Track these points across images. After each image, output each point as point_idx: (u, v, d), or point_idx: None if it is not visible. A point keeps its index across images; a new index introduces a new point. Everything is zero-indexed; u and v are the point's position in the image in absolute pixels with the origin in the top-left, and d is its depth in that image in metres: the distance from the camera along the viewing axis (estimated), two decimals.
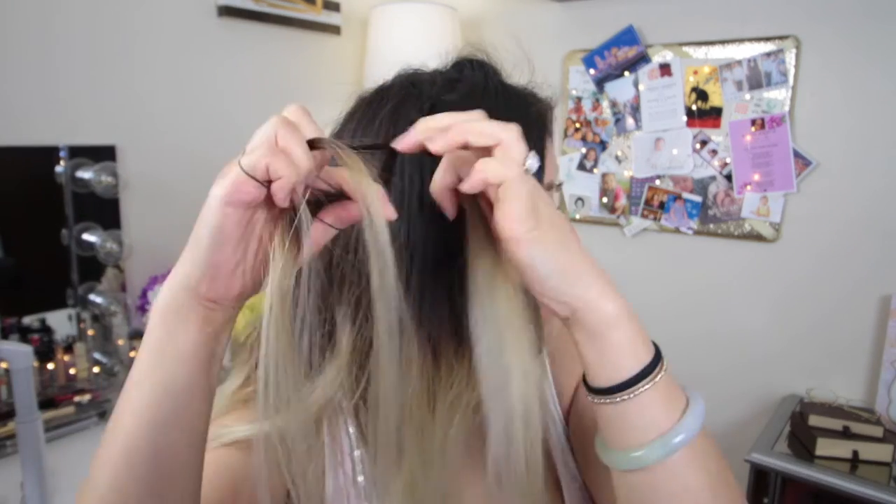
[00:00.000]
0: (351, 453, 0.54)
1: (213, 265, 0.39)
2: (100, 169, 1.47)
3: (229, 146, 2.13)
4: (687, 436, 0.41)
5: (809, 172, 1.66)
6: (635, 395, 0.41)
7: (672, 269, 1.92)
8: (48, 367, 1.41)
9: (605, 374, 0.42)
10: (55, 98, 1.44)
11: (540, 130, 0.53)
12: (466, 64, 0.56)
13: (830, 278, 1.66)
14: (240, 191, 0.37)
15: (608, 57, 1.92)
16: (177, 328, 0.39)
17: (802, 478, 1.36)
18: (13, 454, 1.24)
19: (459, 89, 0.51)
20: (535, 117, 0.53)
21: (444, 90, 0.51)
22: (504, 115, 0.49)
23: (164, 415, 0.38)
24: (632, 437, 0.42)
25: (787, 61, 1.65)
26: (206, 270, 0.39)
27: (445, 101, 0.50)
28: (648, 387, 0.41)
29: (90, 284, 1.51)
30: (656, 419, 0.42)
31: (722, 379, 1.84)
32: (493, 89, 0.52)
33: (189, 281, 0.39)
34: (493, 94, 0.52)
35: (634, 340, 0.42)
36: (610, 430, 0.44)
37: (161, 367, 0.39)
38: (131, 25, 1.56)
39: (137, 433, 0.38)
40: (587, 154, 2.01)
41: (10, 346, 1.00)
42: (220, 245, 0.38)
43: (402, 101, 0.51)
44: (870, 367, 1.62)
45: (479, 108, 0.48)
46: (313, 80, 2.03)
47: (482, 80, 0.53)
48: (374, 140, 0.50)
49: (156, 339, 0.39)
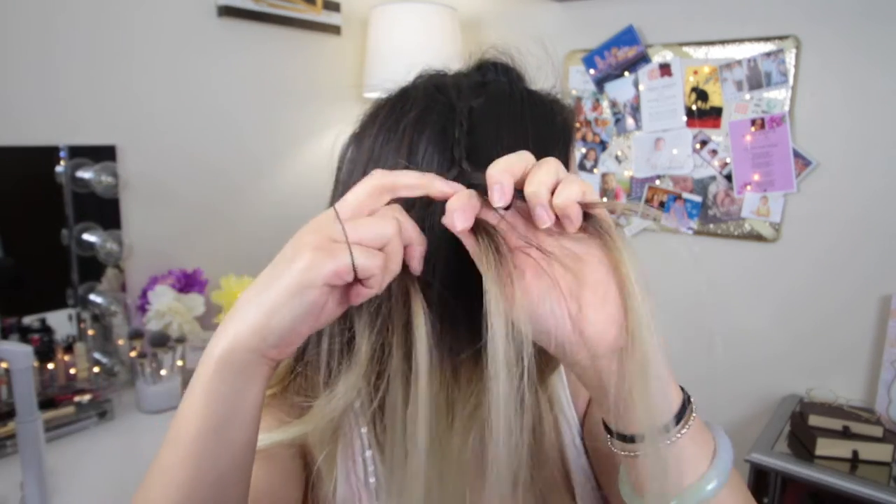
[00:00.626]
0: (363, 453, 0.54)
1: (294, 335, 0.37)
2: (100, 169, 1.47)
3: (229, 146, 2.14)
4: (720, 480, 0.40)
5: (809, 172, 1.66)
6: (671, 441, 0.40)
7: (672, 269, 1.92)
8: (48, 367, 1.41)
9: (639, 418, 0.39)
10: (55, 98, 1.44)
11: (565, 139, 0.52)
12: (490, 67, 0.55)
13: (830, 278, 1.66)
14: (342, 279, 0.37)
15: (608, 57, 1.92)
16: (244, 390, 0.37)
17: (802, 478, 1.36)
18: (13, 454, 1.24)
19: (484, 95, 0.50)
20: (561, 126, 0.52)
21: (470, 96, 0.50)
22: (529, 123, 0.49)
23: (226, 473, 0.38)
24: (665, 485, 0.40)
25: (787, 61, 1.65)
26: (285, 339, 0.37)
27: (473, 109, 0.49)
28: (685, 432, 0.40)
29: (90, 284, 1.51)
30: (691, 464, 0.40)
31: (722, 379, 1.84)
32: (518, 95, 0.51)
33: (262, 345, 0.37)
34: (518, 100, 0.51)
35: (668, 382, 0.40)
36: (639, 477, 0.42)
37: (228, 429, 0.37)
38: (131, 25, 1.56)
39: (197, 494, 0.37)
40: (587, 154, 2.01)
41: (10, 346, 1.00)
42: (307, 319, 0.37)
43: (427, 107, 0.49)
44: (870, 367, 1.62)
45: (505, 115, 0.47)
46: (313, 80, 2.03)
47: (507, 87, 0.52)
48: (398, 145, 0.49)
49: (219, 400, 0.37)
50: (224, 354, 0.37)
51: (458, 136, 0.47)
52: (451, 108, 0.49)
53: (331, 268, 0.36)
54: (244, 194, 1.88)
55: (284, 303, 0.36)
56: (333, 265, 0.36)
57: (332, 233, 0.37)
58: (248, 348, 0.37)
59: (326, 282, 0.36)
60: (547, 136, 0.50)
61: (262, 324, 0.36)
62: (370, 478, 0.53)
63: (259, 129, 1.90)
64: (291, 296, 0.36)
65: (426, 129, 0.48)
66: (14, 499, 1.09)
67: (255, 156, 1.91)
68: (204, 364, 0.37)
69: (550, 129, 0.50)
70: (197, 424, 0.37)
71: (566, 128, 0.52)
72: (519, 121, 0.49)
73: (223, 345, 0.37)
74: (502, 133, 0.48)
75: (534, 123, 0.49)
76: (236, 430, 0.37)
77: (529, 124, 0.49)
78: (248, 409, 0.38)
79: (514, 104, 0.50)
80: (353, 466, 0.54)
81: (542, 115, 0.51)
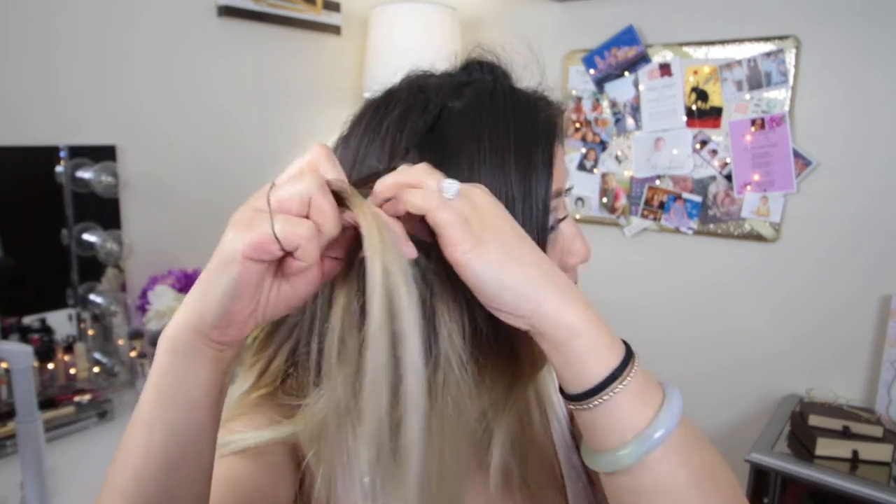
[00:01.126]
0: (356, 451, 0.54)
1: (228, 314, 0.37)
2: (100, 169, 1.47)
3: (229, 146, 2.13)
4: (665, 431, 0.41)
5: (809, 172, 1.66)
6: (606, 399, 0.41)
7: (672, 269, 1.92)
8: (48, 367, 1.41)
9: (575, 382, 0.42)
10: (55, 98, 1.44)
11: (549, 136, 0.51)
12: (476, 67, 0.55)
13: (830, 278, 1.66)
14: (265, 250, 0.36)
15: (608, 57, 1.92)
16: (187, 371, 0.37)
17: (802, 478, 1.36)
18: (13, 454, 1.24)
19: (466, 94, 0.51)
20: (545, 123, 0.52)
21: (451, 96, 0.51)
22: (512, 121, 0.49)
23: (174, 456, 0.37)
24: (611, 440, 0.42)
25: (787, 61, 1.65)
26: (220, 319, 0.37)
27: (452, 109, 0.50)
28: (620, 389, 0.41)
29: (90, 284, 1.51)
30: (632, 419, 0.42)
31: (722, 379, 1.84)
32: (500, 93, 0.52)
33: (201, 326, 0.37)
34: (500, 97, 0.51)
35: (598, 346, 0.42)
36: (590, 435, 0.44)
37: (172, 409, 0.37)
38: (131, 25, 1.56)
39: (145, 474, 0.37)
40: (587, 154, 2.01)
41: (11, 346, 1.00)
42: (238, 296, 0.37)
43: (409, 107, 0.50)
44: (870, 366, 1.62)
45: (486, 114, 0.48)
46: (313, 80, 2.03)
47: (490, 85, 0.53)
48: (381, 145, 0.50)
49: (165, 380, 0.37)
50: (170, 335, 0.37)
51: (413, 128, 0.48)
52: (427, 105, 0.50)
53: (248, 240, 0.35)
54: (244, 194, 1.84)
55: (213, 280, 0.36)
56: (250, 237, 0.35)
57: (258, 204, 0.37)
58: (189, 328, 0.37)
59: (247, 255, 0.35)
60: (529, 132, 0.50)
61: (199, 303, 0.37)
62: (364, 476, 0.53)
63: (259, 128, 1.90)
64: (218, 272, 0.36)
65: (406, 127, 0.49)
66: (14, 499, 1.09)
67: (256, 155, 1.91)
68: (157, 347, 0.38)
69: (533, 126, 0.50)
70: (146, 407, 0.37)
71: (550, 124, 0.52)
72: (500, 118, 0.49)
73: (170, 327, 0.38)
74: (482, 131, 0.49)
75: (516, 120, 0.50)
76: (182, 411, 0.37)
77: (511, 121, 0.49)
78: (192, 390, 0.37)
79: (496, 102, 0.51)
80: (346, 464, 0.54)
81: (524, 112, 0.51)
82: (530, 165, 0.48)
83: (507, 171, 0.48)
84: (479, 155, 0.47)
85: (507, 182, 0.48)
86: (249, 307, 0.38)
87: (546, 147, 0.50)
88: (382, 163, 0.49)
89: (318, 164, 0.39)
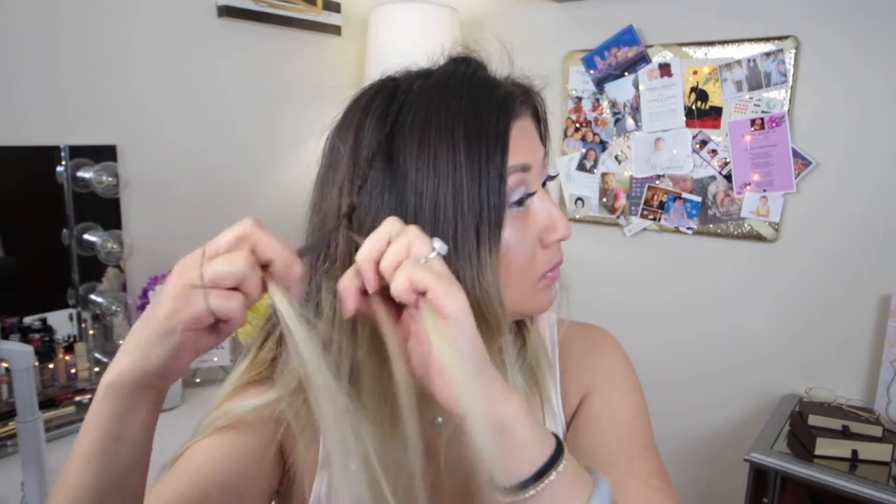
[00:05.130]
0: None
1: (169, 368, 0.40)
2: (100, 169, 1.47)
3: (230, 146, 2.14)
4: None
5: (809, 172, 1.67)
6: (530, 496, 0.42)
7: (672, 269, 1.92)
8: (49, 367, 1.41)
9: (499, 473, 0.43)
10: (56, 98, 1.45)
11: (503, 109, 0.52)
12: (451, 61, 0.57)
13: (830, 278, 1.66)
14: (201, 322, 0.39)
15: (608, 57, 1.92)
16: (128, 412, 0.41)
17: (802, 477, 1.37)
18: (13, 454, 1.24)
19: (431, 77, 0.53)
20: (501, 97, 0.52)
21: (417, 80, 0.53)
22: (466, 96, 0.50)
23: (111, 485, 0.41)
24: None
25: (786, 61, 1.65)
26: (162, 372, 0.40)
27: (414, 90, 0.51)
28: (548, 482, 0.42)
29: (91, 284, 1.51)
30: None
31: (721, 379, 1.84)
32: (461, 74, 0.53)
33: (144, 378, 0.40)
34: (460, 78, 0.52)
35: (529, 443, 0.43)
36: None
37: (113, 447, 0.41)
38: (132, 25, 1.56)
39: (80, 494, 0.40)
40: (587, 154, 2.01)
41: (11, 345, 1.00)
42: (179, 357, 0.40)
43: (375, 93, 0.53)
44: (869, 366, 1.62)
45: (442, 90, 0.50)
46: (313, 80, 2.04)
47: (456, 69, 0.54)
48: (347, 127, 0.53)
49: (107, 422, 0.40)
50: (110, 383, 0.40)
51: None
52: (397, 90, 0.53)
53: (187, 315, 0.38)
54: (245, 194, 1.88)
55: (155, 344, 0.39)
56: (189, 313, 0.38)
57: (191, 278, 0.39)
58: (131, 381, 0.40)
59: (186, 327, 0.39)
60: (482, 105, 0.50)
61: (142, 361, 0.40)
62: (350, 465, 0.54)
63: (259, 128, 1.91)
64: (160, 339, 0.39)
65: (371, 111, 0.51)
66: (14, 499, 1.09)
67: (256, 155, 1.91)
68: (98, 388, 0.41)
69: (488, 100, 0.51)
70: (87, 443, 0.41)
71: (507, 98, 0.52)
72: (455, 92, 0.50)
73: (110, 375, 0.41)
74: (432, 109, 0.50)
75: (471, 97, 0.51)
76: (123, 447, 0.41)
77: (465, 96, 0.50)
78: (134, 427, 0.41)
79: (454, 80, 0.52)
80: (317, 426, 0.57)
81: (482, 89, 0.52)
82: (481, 136, 0.49)
83: (456, 141, 0.49)
84: (431, 126, 0.49)
85: (455, 151, 0.49)
86: (188, 359, 0.42)
87: (501, 119, 0.51)
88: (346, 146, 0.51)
89: (254, 239, 0.41)
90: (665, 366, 1.92)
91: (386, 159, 0.50)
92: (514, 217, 0.52)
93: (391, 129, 0.50)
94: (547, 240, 0.54)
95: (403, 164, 0.49)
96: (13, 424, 1.12)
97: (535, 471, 0.42)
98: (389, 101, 0.51)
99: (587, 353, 0.67)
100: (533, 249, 0.54)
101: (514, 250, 0.52)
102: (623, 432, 0.60)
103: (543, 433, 0.44)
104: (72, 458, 0.41)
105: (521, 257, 0.53)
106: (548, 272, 0.55)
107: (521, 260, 0.53)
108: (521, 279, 0.53)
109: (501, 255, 0.50)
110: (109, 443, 0.41)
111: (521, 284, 0.54)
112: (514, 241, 0.52)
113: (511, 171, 0.51)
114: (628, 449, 0.58)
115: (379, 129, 0.50)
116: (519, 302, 0.55)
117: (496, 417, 0.42)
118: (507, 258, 0.51)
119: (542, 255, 0.55)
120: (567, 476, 0.43)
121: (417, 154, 0.49)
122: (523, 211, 0.53)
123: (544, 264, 0.55)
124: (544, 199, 0.54)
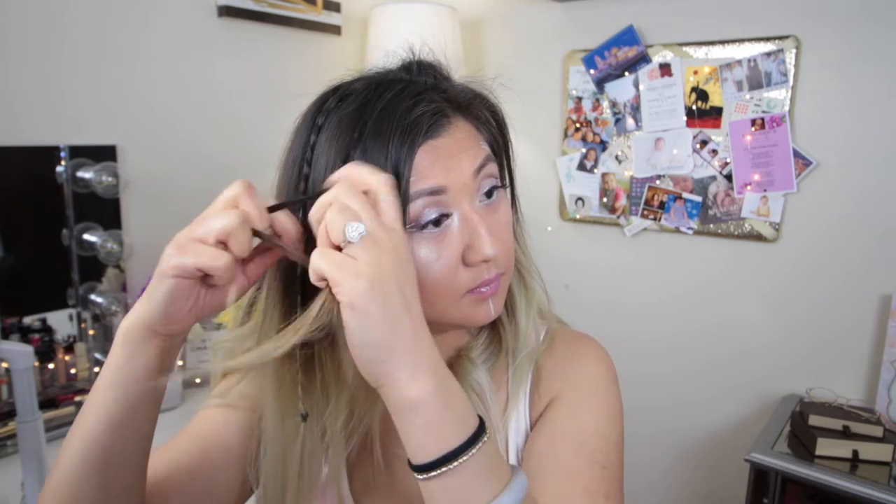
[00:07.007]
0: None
1: (168, 314, 0.46)
2: (100, 169, 1.47)
3: (230, 146, 2.13)
4: None
5: (809, 172, 1.67)
6: (434, 476, 0.43)
7: (672, 268, 1.92)
8: (49, 367, 1.41)
9: (410, 451, 0.44)
10: (56, 98, 1.45)
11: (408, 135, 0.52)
12: (401, 66, 0.61)
13: (830, 278, 1.66)
14: (187, 271, 0.44)
15: (608, 57, 1.92)
16: (135, 354, 0.47)
17: (802, 477, 1.37)
18: (14, 454, 1.24)
19: (350, 98, 0.55)
20: (408, 123, 0.52)
21: (355, 83, 0.57)
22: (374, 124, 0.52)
23: (119, 417, 0.48)
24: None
25: (787, 61, 1.65)
26: (163, 317, 0.46)
27: (333, 107, 0.55)
28: (453, 466, 0.42)
29: (91, 284, 1.51)
30: (468, 500, 0.43)
31: (722, 378, 1.84)
32: (378, 95, 0.54)
33: (149, 322, 0.46)
34: (374, 102, 0.53)
35: (437, 425, 0.43)
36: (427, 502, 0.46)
37: (120, 384, 0.47)
38: (132, 25, 1.56)
39: (96, 430, 0.47)
40: (587, 154, 2.01)
41: (11, 345, 1.00)
42: (174, 301, 0.45)
43: (324, 95, 0.58)
44: (870, 366, 1.62)
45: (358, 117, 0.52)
46: (313, 80, 2.02)
47: (378, 83, 0.56)
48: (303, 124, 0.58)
49: (116, 361, 0.47)
50: (125, 328, 0.47)
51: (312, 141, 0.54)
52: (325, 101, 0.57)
53: (174, 263, 0.44)
54: None
55: (154, 287, 0.45)
56: (177, 261, 0.44)
57: (193, 231, 0.44)
58: (139, 323, 0.46)
59: (175, 273, 0.44)
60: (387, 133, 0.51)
61: (146, 304, 0.46)
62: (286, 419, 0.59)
63: (259, 128, 1.90)
64: (157, 281, 0.45)
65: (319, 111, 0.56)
66: (14, 499, 1.09)
67: (256, 155, 1.90)
68: (115, 339, 0.48)
69: (392, 126, 0.52)
70: (103, 383, 0.48)
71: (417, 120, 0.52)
72: (361, 119, 0.52)
73: (125, 321, 0.47)
74: (342, 130, 0.53)
75: (376, 121, 0.52)
76: (130, 386, 0.47)
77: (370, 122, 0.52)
78: (140, 370, 0.47)
79: (370, 102, 0.53)
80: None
81: (391, 112, 0.52)
82: (378, 162, 0.50)
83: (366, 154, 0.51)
84: (334, 147, 0.52)
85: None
86: (186, 307, 0.46)
87: (405, 143, 0.51)
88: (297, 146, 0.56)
89: (240, 199, 0.46)
90: (665, 366, 1.92)
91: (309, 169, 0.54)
92: (429, 237, 0.52)
93: (314, 140, 0.54)
94: (469, 259, 0.53)
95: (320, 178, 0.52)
96: (13, 424, 1.12)
97: (444, 454, 0.43)
98: (316, 113, 0.56)
99: (565, 361, 0.65)
100: (452, 267, 0.53)
101: (428, 268, 0.52)
102: (581, 446, 0.58)
103: (461, 420, 0.44)
104: (88, 396, 0.49)
105: (436, 275, 0.52)
106: (477, 288, 0.55)
107: (438, 277, 0.52)
108: (440, 295, 0.53)
109: (416, 272, 0.48)
110: (117, 380, 0.47)
111: (441, 300, 0.54)
112: (427, 259, 0.52)
113: (415, 195, 0.51)
114: (583, 463, 0.57)
115: (305, 140, 0.55)
116: (446, 315, 0.55)
117: (404, 399, 0.43)
118: (420, 276, 0.51)
119: (465, 273, 0.54)
120: (480, 464, 0.43)
121: (325, 171, 0.52)
122: (439, 231, 0.52)
123: (470, 281, 0.54)
124: (470, 217, 0.53)
